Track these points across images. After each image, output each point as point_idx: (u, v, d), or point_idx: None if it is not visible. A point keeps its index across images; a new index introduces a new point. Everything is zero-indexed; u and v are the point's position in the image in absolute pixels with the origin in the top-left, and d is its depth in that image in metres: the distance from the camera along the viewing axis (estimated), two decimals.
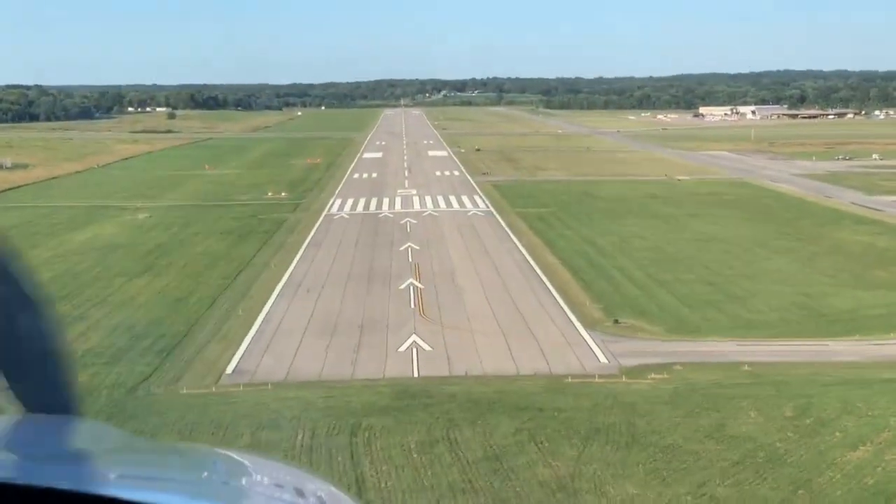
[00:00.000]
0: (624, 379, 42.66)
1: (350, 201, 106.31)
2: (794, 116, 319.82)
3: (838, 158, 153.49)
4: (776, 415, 36.90)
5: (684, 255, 72.91)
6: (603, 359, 46.10)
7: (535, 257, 71.42)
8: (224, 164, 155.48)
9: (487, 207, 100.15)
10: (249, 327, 51.87)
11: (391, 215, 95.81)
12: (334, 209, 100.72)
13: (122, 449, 2.08)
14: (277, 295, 59.80)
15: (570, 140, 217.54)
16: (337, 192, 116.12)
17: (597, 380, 42.49)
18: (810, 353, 46.73)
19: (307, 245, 78.19)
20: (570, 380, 42.64)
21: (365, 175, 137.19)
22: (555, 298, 58.26)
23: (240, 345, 48.55)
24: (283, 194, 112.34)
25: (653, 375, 42.96)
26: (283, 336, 50.12)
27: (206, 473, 1.93)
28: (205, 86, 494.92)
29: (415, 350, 47.57)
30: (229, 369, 44.56)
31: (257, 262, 70.95)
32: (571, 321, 53.23)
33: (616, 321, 52.72)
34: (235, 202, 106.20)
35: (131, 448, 2.12)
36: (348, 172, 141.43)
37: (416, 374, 44.00)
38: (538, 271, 66.26)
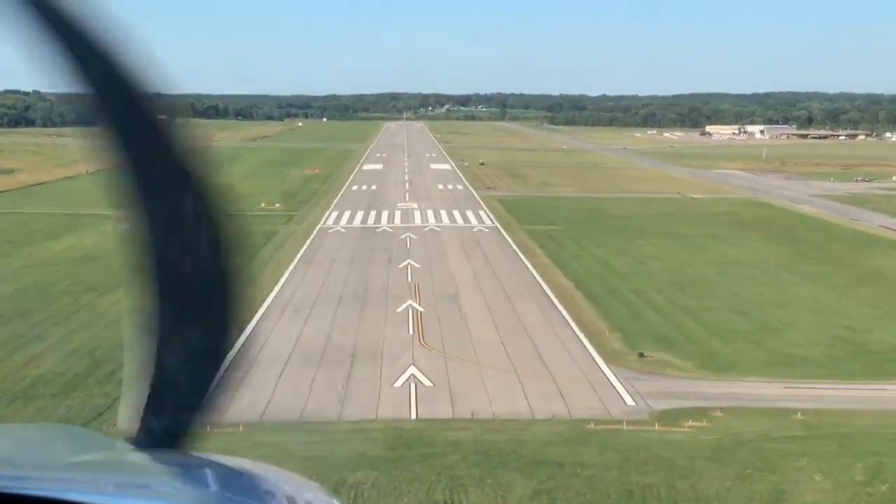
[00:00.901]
0: (657, 427, 36.54)
1: (347, 214, 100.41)
2: (804, 137, 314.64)
3: (857, 180, 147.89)
4: (844, 479, 30.80)
5: (707, 279, 66.90)
6: (630, 400, 39.99)
7: (547, 279, 65.37)
8: (218, 173, 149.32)
9: (493, 223, 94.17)
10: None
11: (390, 230, 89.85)
12: (330, 222, 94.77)
13: (112, 456, 1.97)
14: (260, 317, 53.66)
15: (577, 156, 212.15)
16: (334, 204, 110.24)
17: (625, 427, 36.38)
18: (868, 398, 40.58)
19: (298, 260, 72.21)
20: (593, 426, 36.56)
21: (364, 187, 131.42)
22: (570, 327, 52.20)
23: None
24: (276, 205, 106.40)
25: (690, 423, 36.87)
26: (263, 366, 43.86)
27: (196, 480, 1.84)
28: (206, 96, 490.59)
29: (413, 385, 41.48)
30: None
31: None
32: (590, 354, 47.18)
33: (641, 355, 46.65)
34: None
35: (122, 455, 1.97)
36: (347, 184, 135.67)
37: (414, 416, 37.88)
38: (550, 295, 60.21)
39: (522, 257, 74.43)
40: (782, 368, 44.79)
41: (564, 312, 55.51)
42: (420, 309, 55.98)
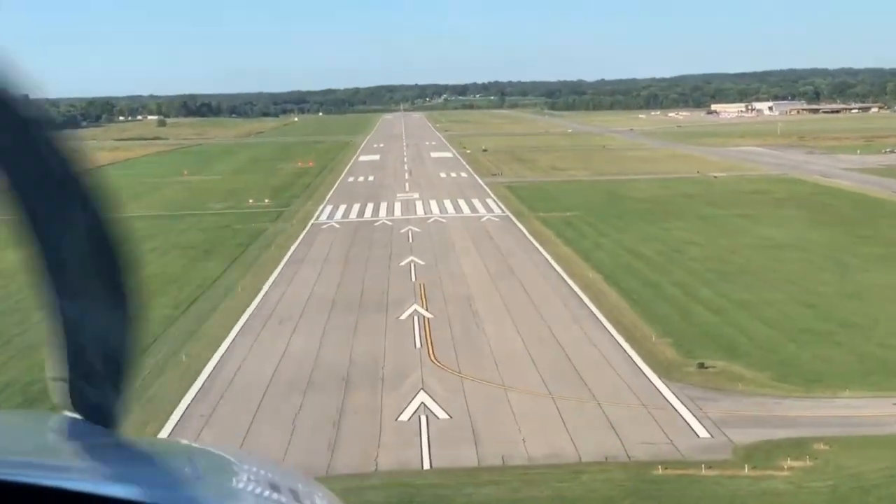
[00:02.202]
0: (747, 470, 27.79)
1: (342, 208, 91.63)
2: (815, 111, 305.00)
3: (886, 151, 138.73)
4: None
5: (757, 266, 58.09)
6: (702, 431, 31.25)
7: (572, 273, 56.57)
8: (206, 170, 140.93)
9: (503, 212, 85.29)
10: (191, 383, 37.14)
11: (389, 223, 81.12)
12: (323, 217, 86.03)
13: (97, 444, 1.88)
14: (238, 331, 45.13)
15: (583, 139, 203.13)
16: (328, 197, 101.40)
17: (704, 472, 27.63)
18: None
19: (286, 261, 63.51)
20: (661, 471, 27.82)
21: (361, 178, 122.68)
22: (608, 332, 43.44)
23: (171, 413, 33.84)
24: (265, 201, 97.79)
25: (789, 462, 28.13)
26: (236, 398, 35.34)
27: (179, 467, 1.84)
28: (202, 95, 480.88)
29: (423, 419, 32.76)
30: None
31: (221, 285, 56.27)
32: (638, 366, 38.46)
33: (701, 365, 37.95)
34: (209, 211, 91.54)
35: (107, 443, 1.89)
36: (342, 176, 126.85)
37: (426, 464, 29.13)
38: (579, 293, 51.44)
39: (540, 249, 65.65)
40: (881, 378, 36.05)
41: (598, 314, 46.78)
42: (427, 315, 47.30)
